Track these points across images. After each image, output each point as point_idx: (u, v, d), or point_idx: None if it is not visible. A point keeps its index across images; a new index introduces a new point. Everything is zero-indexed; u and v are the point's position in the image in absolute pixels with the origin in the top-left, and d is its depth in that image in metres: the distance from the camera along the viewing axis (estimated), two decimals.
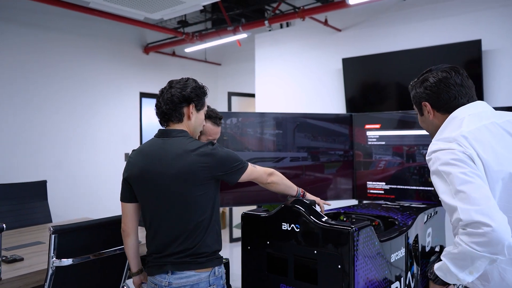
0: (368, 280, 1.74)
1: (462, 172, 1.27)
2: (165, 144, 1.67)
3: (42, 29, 4.79)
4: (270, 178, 1.82)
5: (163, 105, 1.70)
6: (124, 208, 1.77)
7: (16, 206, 3.70)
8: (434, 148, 1.38)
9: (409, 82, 1.64)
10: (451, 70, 1.49)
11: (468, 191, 1.23)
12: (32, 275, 2.13)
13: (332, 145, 3.18)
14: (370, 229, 1.75)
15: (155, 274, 1.67)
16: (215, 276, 1.66)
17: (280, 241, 1.86)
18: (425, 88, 1.51)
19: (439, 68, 1.52)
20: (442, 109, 1.48)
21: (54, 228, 1.83)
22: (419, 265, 2.22)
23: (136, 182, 1.70)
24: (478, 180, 1.26)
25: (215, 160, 1.63)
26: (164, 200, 1.65)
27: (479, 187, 1.24)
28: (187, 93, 1.69)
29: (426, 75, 1.54)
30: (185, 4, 3.55)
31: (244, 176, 1.71)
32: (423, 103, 1.52)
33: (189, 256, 1.63)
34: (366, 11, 4.53)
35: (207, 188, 1.64)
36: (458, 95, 1.46)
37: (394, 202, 2.89)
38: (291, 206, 1.83)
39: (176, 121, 1.71)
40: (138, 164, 1.70)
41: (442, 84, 1.47)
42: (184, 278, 1.62)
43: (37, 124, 4.74)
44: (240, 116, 3.04)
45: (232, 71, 6.90)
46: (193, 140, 1.69)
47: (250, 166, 1.74)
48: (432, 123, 1.52)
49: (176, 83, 1.72)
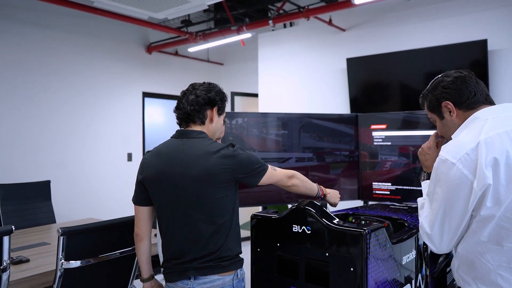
0: (380, 282, 1.72)
1: (445, 198, 1.35)
2: (185, 145, 1.63)
3: (44, 28, 4.77)
4: (291, 181, 1.79)
5: (187, 106, 1.67)
6: (138, 211, 1.72)
7: (20, 207, 3.69)
8: (444, 155, 1.35)
9: (413, 82, 1.63)
10: (464, 71, 1.50)
11: (440, 220, 1.37)
12: (39, 276, 2.12)
13: (337, 146, 3.16)
14: (383, 231, 1.74)
15: (176, 281, 1.63)
16: (238, 279, 1.64)
17: (291, 243, 1.84)
18: (443, 87, 1.48)
19: (449, 72, 1.52)
20: (464, 106, 1.45)
21: (62, 230, 1.82)
22: (429, 267, 2.20)
23: (152, 185, 1.66)
24: (453, 211, 1.33)
25: (236, 162, 1.60)
26: (183, 203, 1.61)
27: (449, 221, 1.35)
28: (213, 95, 1.68)
29: (439, 78, 1.53)
30: (190, 3, 3.53)
31: (264, 179, 1.69)
32: (444, 103, 1.48)
33: (213, 260, 1.59)
34: (370, 11, 4.52)
35: (228, 190, 1.62)
36: (476, 90, 1.44)
37: (401, 203, 2.87)
38: (302, 208, 1.81)
39: (199, 122, 1.69)
40: (154, 166, 1.65)
41: (459, 80, 1.46)
42: (209, 283, 1.59)
43: (39, 124, 4.72)
44: (246, 116, 3.02)
45: (235, 71, 6.88)
46: (213, 141, 1.66)
47: (270, 169, 1.72)
48: (455, 124, 1.47)
49: (200, 86, 1.71)
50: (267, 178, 1.70)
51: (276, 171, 1.75)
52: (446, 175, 1.33)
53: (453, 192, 1.32)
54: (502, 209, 1.28)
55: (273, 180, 1.74)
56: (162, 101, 6.14)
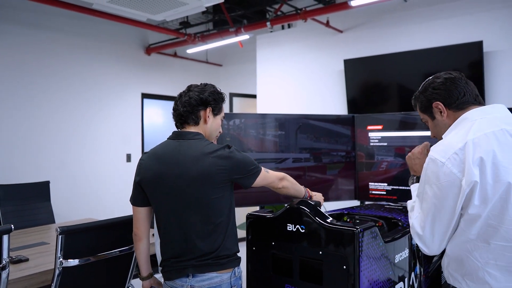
0: (373, 280, 1.75)
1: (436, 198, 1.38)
2: (181, 146, 1.66)
3: (43, 30, 4.81)
4: (282, 183, 1.82)
5: (181, 107, 1.70)
6: (136, 212, 1.75)
7: (19, 207, 3.72)
8: (433, 155, 1.39)
9: (410, 83, 1.67)
10: (453, 72, 1.54)
11: (430, 219, 1.41)
12: (38, 275, 2.15)
13: (334, 146, 3.19)
14: (375, 230, 1.77)
15: (175, 278, 1.65)
16: (235, 277, 1.67)
17: (285, 242, 1.87)
18: (434, 88, 1.52)
19: (440, 73, 1.56)
20: (454, 106, 1.48)
21: (61, 229, 1.84)
22: (422, 266, 2.23)
23: (150, 186, 1.68)
24: (443, 210, 1.37)
25: (232, 163, 1.62)
26: (181, 203, 1.63)
27: (439, 220, 1.39)
28: (205, 96, 1.71)
29: (430, 80, 1.57)
30: (188, 5, 3.56)
31: (258, 180, 1.71)
32: (434, 103, 1.52)
33: (211, 259, 1.62)
34: (367, 13, 4.55)
35: (223, 191, 1.64)
36: (466, 91, 1.48)
37: (397, 203, 2.90)
38: (296, 207, 1.84)
39: (192, 123, 1.72)
40: (152, 167, 1.67)
41: (449, 82, 1.50)
42: (207, 280, 1.61)
43: (39, 125, 4.75)
44: (243, 117, 3.05)
45: (233, 72, 6.91)
46: (210, 143, 1.69)
47: (263, 171, 1.74)
48: (446, 124, 1.51)
49: (194, 87, 1.74)
50: (260, 179, 1.72)
51: (269, 173, 1.77)
52: (436, 174, 1.36)
53: (443, 191, 1.35)
54: (488, 208, 1.31)
55: (266, 182, 1.76)
56: (161, 102, 6.17)
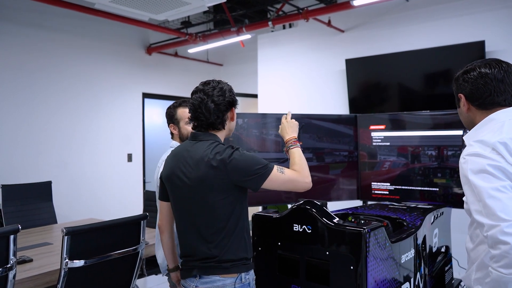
0: (380, 281, 1.75)
1: (492, 187, 1.25)
2: (192, 148, 1.67)
3: (45, 30, 4.79)
4: (307, 179, 1.67)
5: (210, 116, 1.64)
6: (160, 205, 1.83)
7: (21, 207, 3.71)
8: (471, 151, 1.34)
9: (412, 83, 1.65)
10: (496, 65, 1.44)
11: (494, 207, 1.22)
12: (42, 276, 2.15)
13: (337, 146, 3.19)
14: (382, 231, 1.77)
15: (186, 278, 1.68)
16: (241, 283, 1.61)
17: (292, 243, 1.87)
18: (464, 80, 1.48)
19: (484, 61, 1.48)
20: (477, 104, 1.45)
21: (66, 230, 1.84)
22: (427, 266, 2.24)
23: (166, 182, 1.74)
24: (505, 195, 1.23)
25: (231, 166, 1.56)
26: (186, 203, 1.66)
27: (506, 204, 1.22)
28: (228, 96, 1.70)
29: (470, 67, 1.50)
30: (190, 5, 3.55)
31: (267, 183, 1.58)
32: (459, 94, 1.50)
33: (215, 262, 1.61)
34: (369, 12, 4.55)
35: (226, 194, 1.59)
36: (494, 91, 1.42)
37: (399, 202, 2.90)
38: (302, 208, 1.84)
39: (221, 127, 1.70)
40: (168, 164, 1.73)
41: (479, 77, 1.44)
42: (210, 283, 1.60)
43: (40, 125, 4.74)
44: (246, 117, 3.05)
45: (234, 71, 6.91)
46: (216, 145, 1.62)
47: (275, 171, 1.60)
48: (468, 117, 1.50)
49: (211, 89, 1.67)
50: (271, 182, 1.59)
51: (285, 174, 1.62)
52: (484, 164, 1.29)
53: (497, 177, 1.27)
54: None
55: (278, 184, 1.61)
56: (162, 102, 6.15)
